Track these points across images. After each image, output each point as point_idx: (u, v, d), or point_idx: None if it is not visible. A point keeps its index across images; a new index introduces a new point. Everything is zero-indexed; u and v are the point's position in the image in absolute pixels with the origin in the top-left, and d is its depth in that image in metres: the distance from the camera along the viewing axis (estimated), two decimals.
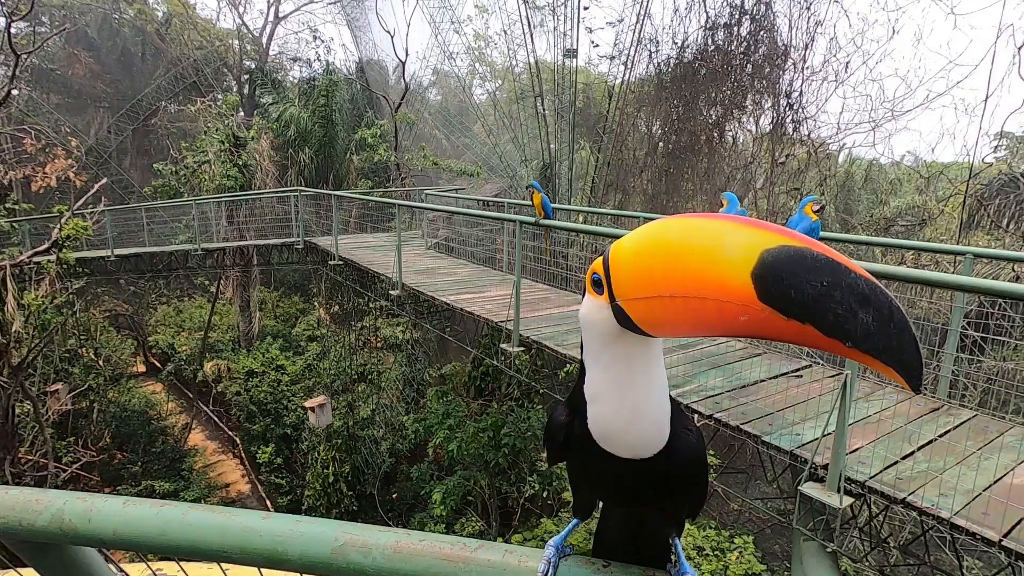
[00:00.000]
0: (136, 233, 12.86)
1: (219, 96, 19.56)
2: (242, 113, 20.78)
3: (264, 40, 23.41)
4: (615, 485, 0.67)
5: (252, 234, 14.30)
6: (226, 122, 15.66)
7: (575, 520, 0.80)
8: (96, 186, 11.04)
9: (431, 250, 11.08)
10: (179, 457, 15.24)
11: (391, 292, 8.36)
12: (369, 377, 15.22)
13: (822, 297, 0.45)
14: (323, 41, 24.05)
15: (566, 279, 8.28)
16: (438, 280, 8.36)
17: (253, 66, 21.77)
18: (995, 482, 3.25)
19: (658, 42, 12.36)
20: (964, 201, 8.46)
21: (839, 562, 3.93)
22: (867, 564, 4.36)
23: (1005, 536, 2.85)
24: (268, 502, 14.42)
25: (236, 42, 22.62)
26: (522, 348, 5.92)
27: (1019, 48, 7.73)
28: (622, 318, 0.59)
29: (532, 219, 5.92)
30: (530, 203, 7.43)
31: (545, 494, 10.90)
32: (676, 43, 11.95)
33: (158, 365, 18.89)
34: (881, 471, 3.40)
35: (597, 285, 0.60)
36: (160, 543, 0.75)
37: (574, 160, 14.10)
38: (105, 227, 11.54)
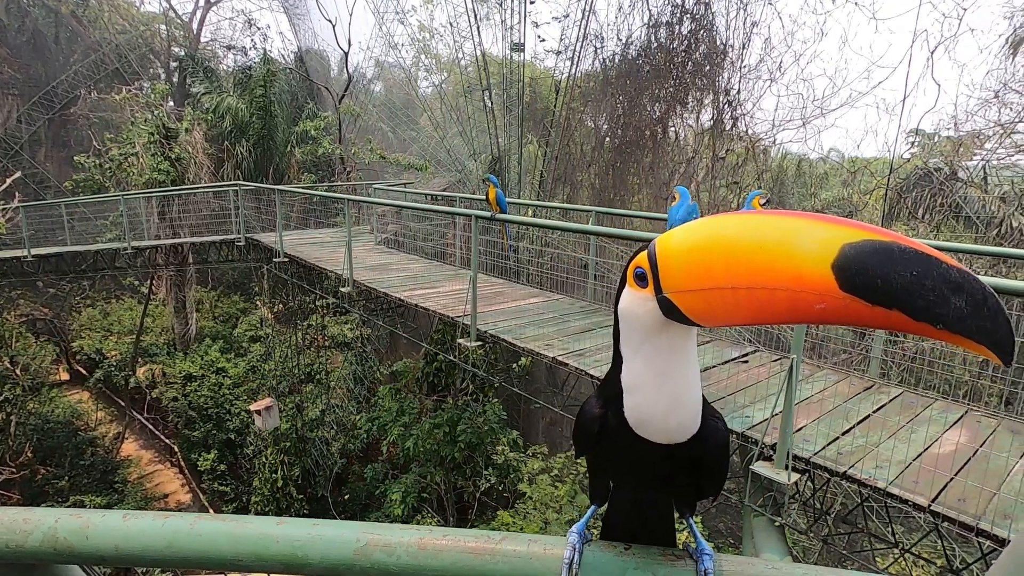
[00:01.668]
0: (55, 231, 11.93)
1: (146, 84, 18.37)
2: (172, 103, 19.62)
3: (194, 26, 22.15)
4: (649, 470, 0.70)
5: (187, 231, 13.59)
6: (155, 112, 14.74)
7: (593, 507, 0.83)
8: (8, 180, 10.16)
9: (381, 245, 10.88)
10: (111, 469, 14.34)
11: (341, 289, 8.15)
12: (317, 377, 14.81)
13: (911, 286, 0.49)
14: (259, 28, 22.95)
15: (517, 272, 8.34)
16: (390, 276, 8.23)
17: (183, 53, 20.56)
18: (923, 452, 3.54)
19: (603, 38, 12.59)
20: (886, 194, 9.12)
21: (786, 535, 4.19)
22: (811, 536, 4.66)
23: (933, 501, 3.12)
24: (211, 511, 13.81)
25: (163, 27, 21.30)
26: (479, 343, 5.92)
27: (932, 52, 8.37)
28: (669, 309, 0.62)
29: (488, 214, 5.92)
30: (483, 197, 7.42)
31: (501, 487, 10.97)
32: (621, 40, 12.21)
33: (84, 372, 17.65)
34: (824, 447, 3.63)
35: (641, 279, 0.63)
36: (167, 555, 0.71)
37: (523, 154, 14.16)
38: (20, 225, 10.65)
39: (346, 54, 17.32)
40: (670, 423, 0.65)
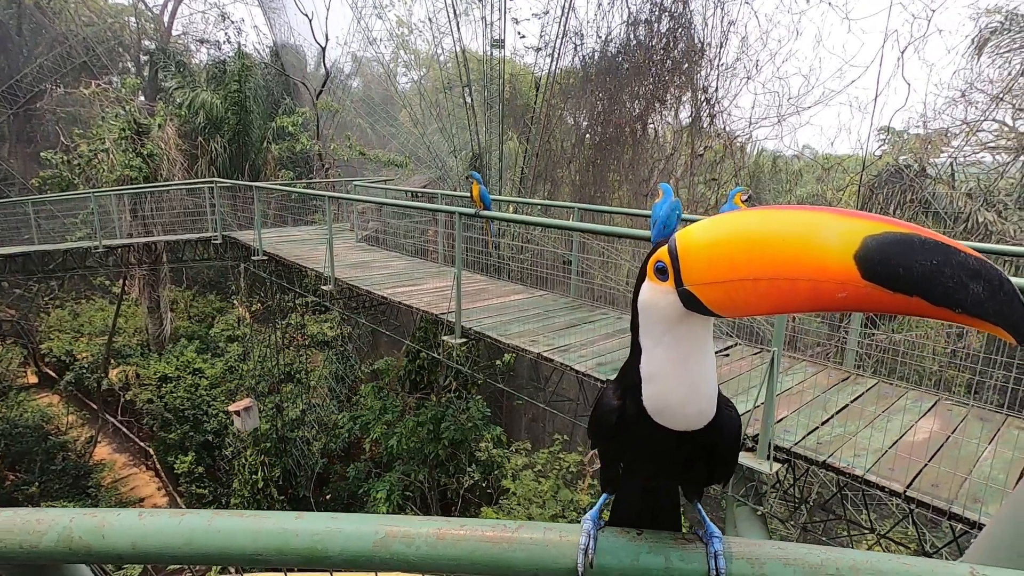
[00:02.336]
0: (21, 230, 11.56)
1: (115, 79, 17.86)
2: (143, 98, 19.14)
3: (165, 19, 21.61)
4: (666, 458, 0.72)
5: (160, 229, 13.28)
6: (126, 107, 14.35)
7: (605, 495, 0.86)
8: None
9: (361, 243, 10.79)
10: (84, 474, 13.98)
11: (323, 287, 8.07)
12: (297, 376, 14.64)
13: (932, 274, 0.53)
14: (233, 22, 22.46)
15: (499, 269, 8.37)
16: (372, 274, 8.17)
17: (153, 47, 20.05)
18: (897, 440, 3.66)
19: (583, 35, 12.64)
20: (859, 190, 9.36)
21: (767, 523, 4.29)
22: (790, 525, 4.78)
23: (908, 487, 3.23)
24: None
25: (132, 19, 20.73)
26: (464, 340, 5.93)
27: (902, 52, 8.60)
28: (690, 301, 0.65)
29: (472, 211, 5.91)
30: (466, 194, 7.41)
31: (484, 483, 11.00)
32: (600, 37, 12.27)
33: (53, 375, 17.15)
34: (803, 437, 3.73)
35: (661, 272, 0.66)
36: (186, 552, 0.72)
37: (503, 151, 14.16)
38: None
39: (323, 49, 17.11)
40: (688, 410, 0.68)
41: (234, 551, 0.73)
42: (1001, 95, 9.62)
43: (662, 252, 0.67)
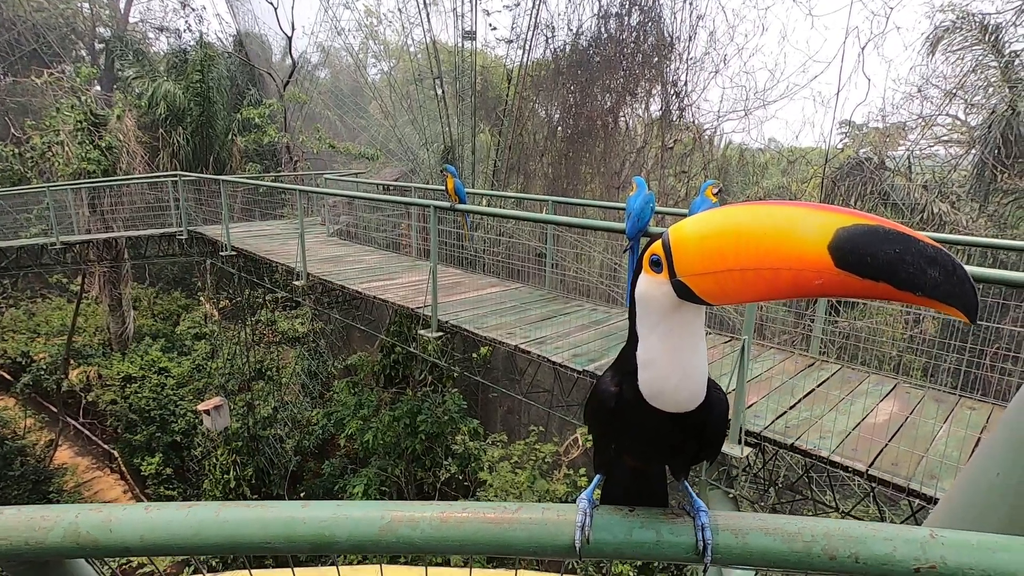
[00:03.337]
0: None
1: (69, 68, 17.11)
2: (99, 87, 18.40)
3: (121, 5, 20.77)
4: (661, 439, 0.77)
5: (121, 224, 12.84)
6: (81, 97, 13.79)
7: (598, 476, 0.91)
8: None
9: (333, 237, 10.65)
10: (44, 479, 13.50)
11: (295, 283, 7.95)
12: (268, 374, 14.40)
13: (896, 261, 0.60)
14: (193, 10, 21.68)
15: (473, 263, 8.37)
16: (346, 268, 8.09)
17: (109, 34, 19.27)
18: (860, 422, 3.84)
19: (554, 28, 12.67)
20: (822, 182, 9.67)
21: (739, 506, 4.45)
22: (758, 507, 4.96)
23: (870, 466, 3.40)
24: None
25: (86, 5, 19.86)
26: (441, 333, 5.93)
27: (863, 48, 8.88)
28: (683, 292, 0.70)
29: (447, 204, 5.91)
30: (440, 187, 7.39)
31: (461, 476, 11.05)
32: (571, 30, 12.32)
33: (8, 377, 16.46)
34: (772, 422, 3.87)
35: (656, 265, 0.71)
36: (195, 543, 0.73)
37: (476, 144, 14.12)
38: None
39: (290, 39, 16.71)
40: (681, 394, 0.73)
41: (243, 540, 0.75)
42: (954, 91, 10.03)
43: (656, 246, 0.72)
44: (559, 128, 13.47)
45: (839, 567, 0.73)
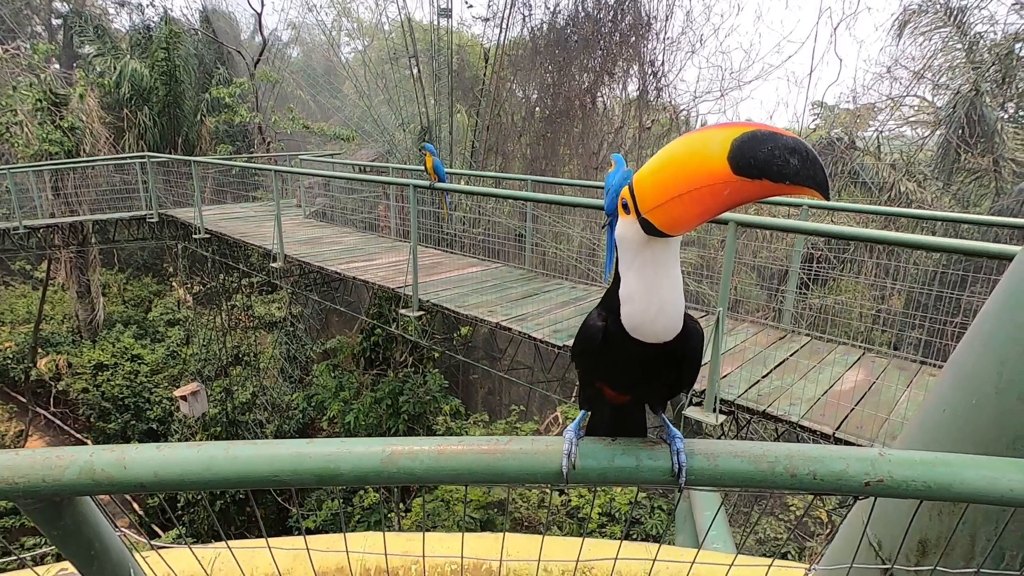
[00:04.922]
0: None
1: (25, 44, 16.37)
2: (57, 65, 17.69)
3: None
4: (643, 369, 0.84)
5: (86, 208, 12.46)
6: (40, 76, 13.25)
7: (583, 412, 0.98)
8: None
9: (310, 218, 10.52)
10: None
11: (272, 265, 7.86)
12: (245, 359, 14.25)
13: (769, 157, 0.67)
14: None
15: (451, 243, 8.37)
16: (324, 250, 8.02)
17: (67, 9, 18.46)
18: (828, 390, 4.01)
19: (531, 6, 12.55)
20: None
21: None
22: None
23: (837, 430, 3.57)
24: (136, 504, 13.12)
25: None
26: (422, 312, 5.96)
27: (835, 28, 9.02)
28: (648, 227, 0.77)
29: (426, 183, 5.90)
30: (418, 167, 7.35)
31: None
32: (549, 8, 12.22)
33: None
34: (746, 391, 4.03)
35: (626, 207, 0.77)
36: (206, 478, 0.78)
37: (453, 124, 13.99)
38: None
39: (259, 15, 16.25)
40: (658, 325, 0.80)
41: (251, 474, 0.79)
42: (921, 72, 10.28)
43: (625, 191, 0.79)
44: (537, 108, 13.42)
45: (799, 483, 0.81)
